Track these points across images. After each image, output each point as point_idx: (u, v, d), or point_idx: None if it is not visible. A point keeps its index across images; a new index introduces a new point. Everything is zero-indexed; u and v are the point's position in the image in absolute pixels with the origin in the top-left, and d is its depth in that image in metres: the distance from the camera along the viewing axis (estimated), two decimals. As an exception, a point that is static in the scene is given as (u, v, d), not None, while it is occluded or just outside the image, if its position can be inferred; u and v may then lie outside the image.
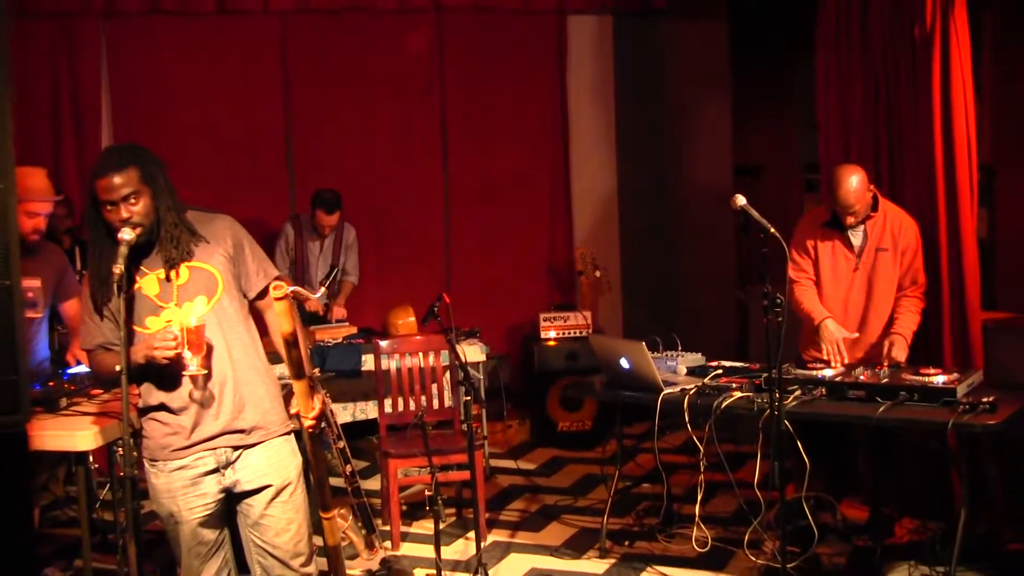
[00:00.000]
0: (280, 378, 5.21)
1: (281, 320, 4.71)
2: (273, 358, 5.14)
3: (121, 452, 4.92)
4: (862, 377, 6.59)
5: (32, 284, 6.76)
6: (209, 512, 4.92)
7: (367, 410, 9.11)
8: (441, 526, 6.96)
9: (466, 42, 11.31)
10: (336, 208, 9.81)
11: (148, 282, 4.81)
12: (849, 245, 7.30)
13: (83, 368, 6.75)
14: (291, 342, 4.73)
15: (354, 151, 11.01)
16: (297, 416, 4.94)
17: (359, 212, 10.53)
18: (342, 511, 5.89)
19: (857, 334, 7.26)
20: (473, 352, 9.23)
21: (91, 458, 6.74)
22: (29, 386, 4.64)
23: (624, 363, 7.08)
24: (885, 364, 6.92)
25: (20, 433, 4.44)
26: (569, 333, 10.47)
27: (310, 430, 4.97)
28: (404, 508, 8.32)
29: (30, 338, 6.82)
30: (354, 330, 9.52)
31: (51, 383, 6.51)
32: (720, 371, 7.26)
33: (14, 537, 4.49)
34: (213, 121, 10.69)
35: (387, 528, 7.86)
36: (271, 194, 10.87)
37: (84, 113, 10.31)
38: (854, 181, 7.05)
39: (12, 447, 4.41)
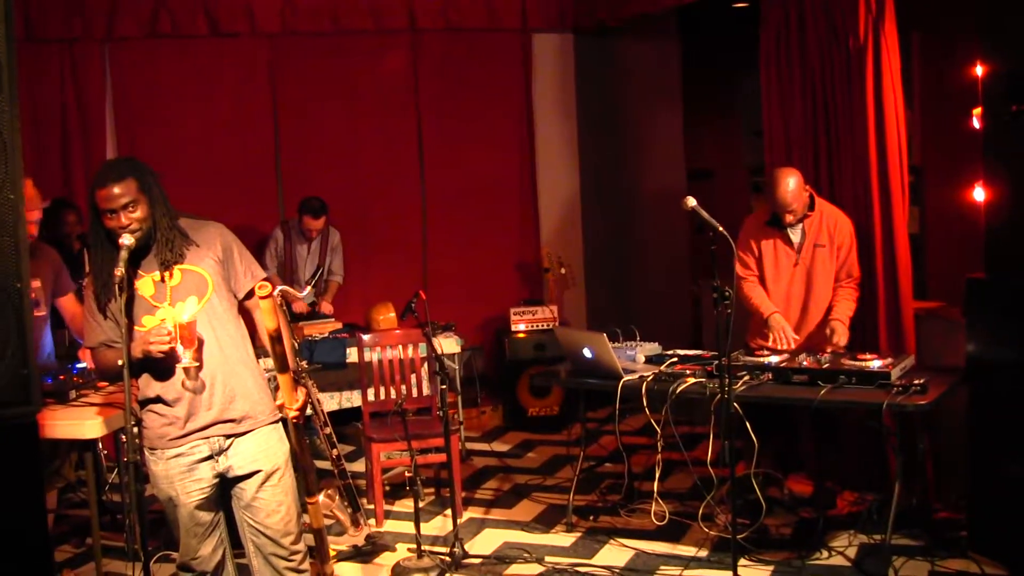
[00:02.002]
0: (268, 371, 5.21)
1: (266, 317, 4.72)
2: (261, 353, 5.14)
3: (126, 439, 4.93)
4: (805, 363, 6.60)
5: (33, 285, 6.74)
6: (205, 496, 4.92)
7: (352, 399, 9.09)
8: (421, 504, 7.00)
9: (439, 59, 11.29)
10: (321, 213, 9.80)
11: (144, 284, 4.82)
12: (789, 242, 7.31)
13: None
14: (275, 338, 4.73)
15: (338, 160, 10.98)
16: (282, 407, 4.95)
17: (343, 217, 10.51)
18: (329, 492, 5.87)
19: (798, 337, 7.29)
20: (449, 344, 9.22)
21: (100, 445, 6.74)
22: (41, 379, 4.63)
23: (587, 353, 7.08)
24: (828, 349, 6.95)
25: (32, 423, 4.44)
26: (537, 326, 10.46)
27: (294, 420, 4.97)
28: (387, 488, 8.31)
29: (38, 335, 6.80)
30: (339, 325, 9.51)
31: (62, 377, 6.50)
32: (675, 359, 7.28)
33: (28, 519, 4.48)
34: (207, 134, 10.64)
35: (371, 507, 7.85)
36: (261, 201, 10.83)
37: (90, 128, 10.26)
38: (791, 182, 7.07)
39: (25, 436, 4.41)
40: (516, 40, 11.47)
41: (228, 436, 4.90)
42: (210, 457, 4.88)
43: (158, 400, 4.86)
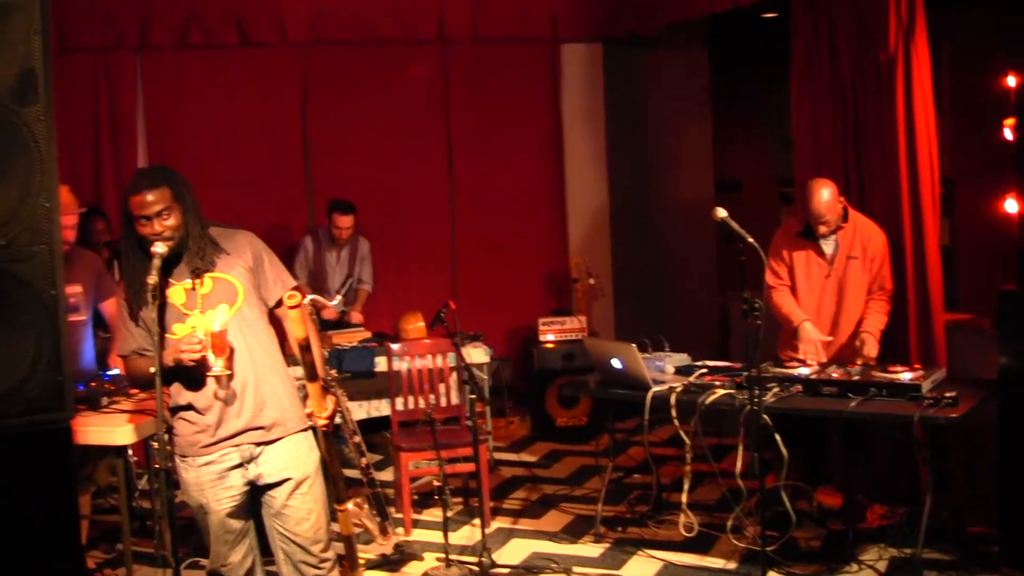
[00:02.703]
0: (298, 379, 5.22)
1: (295, 326, 4.73)
2: (292, 361, 5.15)
3: (157, 446, 4.94)
4: (835, 375, 6.57)
5: (74, 290, 6.76)
6: (235, 504, 4.94)
7: (380, 408, 9.08)
8: (449, 514, 7.02)
9: (468, 69, 11.31)
10: (350, 211, 9.79)
11: (175, 292, 4.86)
12: (821, 253, 7.27)
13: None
14: (304, 347, 4.75)
15: (367, 170, 10.98)
16: (311, 416, 4.96)
17: (372, 226, 10.52)
18: (358, 500, 5.87)
19: (831, 338, 7.25)
20: (477, 354, 9.21)
21: (130, 451, 6.76)
22: (74, 386, 4.65)
23: (616, 363, 7.07)
24: (858, 362, 6.91)
25: (66, 429, 4.45)
26: (566, 336, 10.45)
27: (323, 429, 4.98)
28: (415, 497, 8.30)
29: (78, 340, 6.83)
30: (368, 334, 9.52)
31: (93, 383, 6.52)
32: (704, 370, 7.25)
33: (61, 524, 4.49)
34: (238, 143, 10.67)
35: (400, 516, 7.85)
36: (291, 209, 10.87)
37: (121, 136, 10.31)
38: (825, 193, 7.03)
39: (59, 442, 4.42)
40: (545, 50, 11.48)
41: (258, 444, 4.92)
42: (240, 465, 4.91)
43: (189, 408, 4.89)
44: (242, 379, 4.88)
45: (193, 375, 4.82)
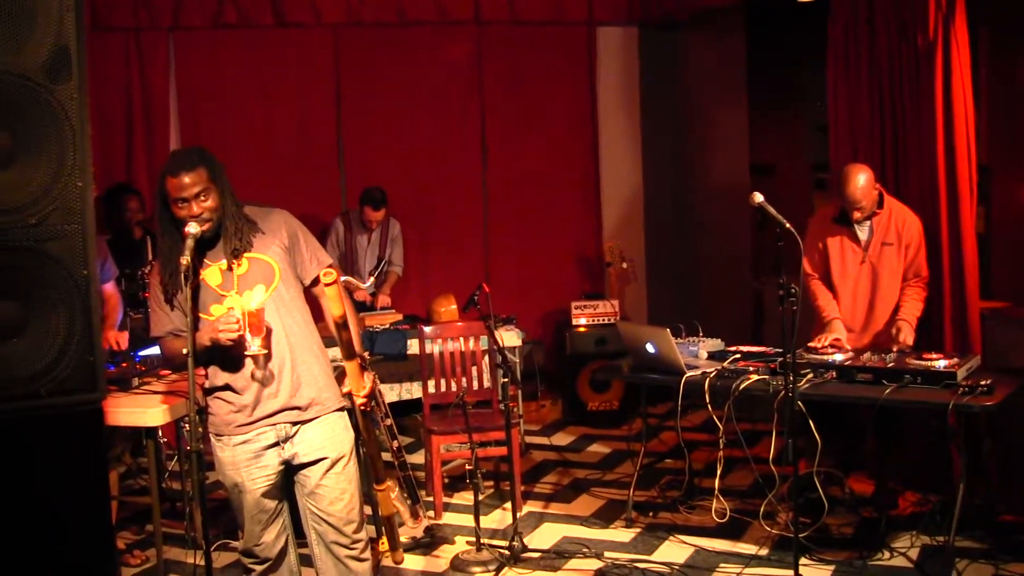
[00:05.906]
0: (333, 360, 5.22)
1: (332, 304, 4.76)
2: (328, 342, 5.15)
3: (188, 428, 4.94)
4: (870, 362, 6.54)
5: None
6: (270, 483, 4.97)
7: (412, 390, 9.12)
8: (480, 497, 7.00)
9: (503, 51, 11.31)
10: (382, 204, 9.81)
11: (211, 273, 4.87)
12: (856, 239, 7.24)
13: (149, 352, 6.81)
14: (341, 325, 4.79)
15: (400, 151, 11.01)
16: (349, 395, 4.97)
17: (404, 208, 10.54)
18: (389, 483, 5.87)
19: (850, 351, 7.19)
20: (510, 337, 9.22)
21: (160, 433, 6.77)
22: (105, 366, 4.65)
23: (649, 348, 7.06)
24: (894, 349, 6.87)
25: (97, 410, 4.45)
26: (598, 320, 10.44)
27: (361, 408, 5.00)
28: (446, 481, 8.33)
29: None
30: (400, 317, 9.53)
31: (124, 364, 6.53)
32: (738, 356, 7.23)
33: (92, 505, 4.49)
34: (271, 124, 10.72)
35: (431, 499, 7.86)
36: (324, 191, 10.89)
37: (154, 117, 10.35)
38: (861, 179, 7.00)
39: (90, 423, 4.42)
40: (581, 33, 11.46)
41: (294, 423, 4.94)
42: (276, 444, 4.93)
43: (226, 388, 4.92)
44: (279, 359, 4.90)
45: (230, 355, 4.85)
